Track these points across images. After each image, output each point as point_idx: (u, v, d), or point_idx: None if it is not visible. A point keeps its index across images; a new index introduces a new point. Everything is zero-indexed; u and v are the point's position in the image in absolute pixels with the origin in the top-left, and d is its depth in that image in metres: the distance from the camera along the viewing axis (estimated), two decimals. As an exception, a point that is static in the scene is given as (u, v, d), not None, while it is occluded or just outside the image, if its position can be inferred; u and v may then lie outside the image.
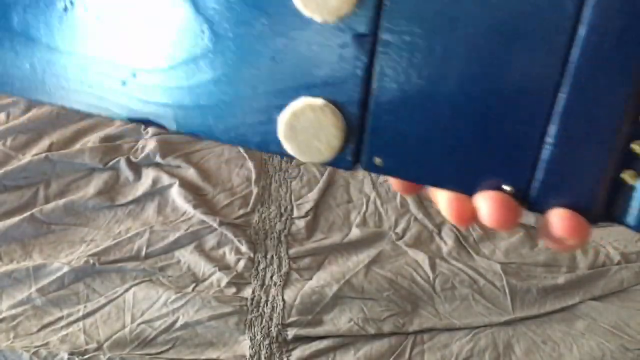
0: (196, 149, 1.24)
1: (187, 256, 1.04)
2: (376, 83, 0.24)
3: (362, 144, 0.26)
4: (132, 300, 0.98)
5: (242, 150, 1.22)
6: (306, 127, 0.25)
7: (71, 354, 0.92)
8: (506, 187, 0.24)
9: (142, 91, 0.27)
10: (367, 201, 1.12)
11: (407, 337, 0.92)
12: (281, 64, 0.25)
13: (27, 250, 1.07)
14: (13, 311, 0.98)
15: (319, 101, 0.24)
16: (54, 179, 1.19)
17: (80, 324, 0.96)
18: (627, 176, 0.23)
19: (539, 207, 0.24)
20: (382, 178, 1.14)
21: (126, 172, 1.19)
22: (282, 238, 1.06)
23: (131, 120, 0.28)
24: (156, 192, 1.15)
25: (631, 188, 0.23)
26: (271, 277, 1.00)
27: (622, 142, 0.23)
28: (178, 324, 0.95)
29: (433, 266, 0.99)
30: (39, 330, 0.96)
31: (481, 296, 0.96)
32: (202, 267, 1.02)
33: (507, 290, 0.96)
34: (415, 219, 1.08)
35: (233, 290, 0.99)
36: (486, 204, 0.24)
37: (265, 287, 0.99)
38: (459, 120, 0.24)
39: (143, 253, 1.05)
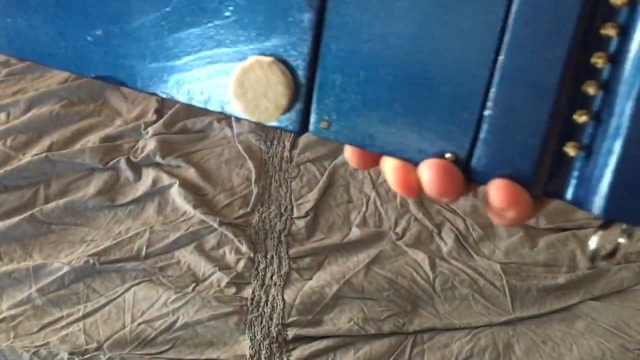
0: (196, 149, 1.24)
1: (187, 256, 1.04)
2: (324, 42, 0.24)
3: (310, 105, 0.26)
4: (132, 300, 0.98)
5: (242, 150, 1.22)
6: (255, 84, 0.25)
7: (71, 354, 0.92)
8: (448, 155, 0.24)
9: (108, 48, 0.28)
10: (367, 201, 1.12)
11: (407, 337, 0.92)
12: (234, 23, 0.25)
13: (27, 250, 1.07)
14: (13, 311, 0.98)
15: (268, 58, 0.25)
16: (54, 179, 1.19)
17: (81, 323, 0.96)
18: (569, 148, 0.23)
19: (481, 177, 0.24)
20: (382, 178, 1.14)
21: (126, 172, 1.19)
22: (282, 238, 1.06)
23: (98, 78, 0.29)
24: (156, 192, 1.15)
25: (572, 159, 0.23)
26: (271, 277, 1.00)
27: (562, 112, 0.22)
28: (178, 324, 0.94)
29: (433, 266, 0.99)
30: (39, 330, 0.96)
31: (481, 296, 0.96)
32: (202, 267, 1.02)
33: (507, 290, 0.96)
34: (415, 218, 1.08)
35: (233, 290, 0.99)
36: (428, 171, 0.24)
37: (265, 287, 0.99)
38: (403, 85, 0.24)
39: (143, 253, 1.04)
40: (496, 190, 0.24)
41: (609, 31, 0.21)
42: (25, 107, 1.33)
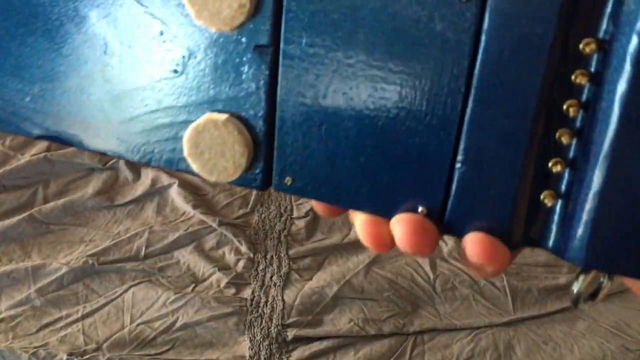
0: (196, 149, 1.24)
1: (187, 256, 1.04)
2: (281, 97, 0.23)
3: (271, 162, 0.24)
4: (131, 300, 0.98)
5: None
6: (210, 144, 0.24)
7: (70, 354, 0.92)
8: (421, 209, 0.23)
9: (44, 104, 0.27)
10: (367, 201, 1.12)
11: (407, 338, 0.92)
12: (183, 77, 0.24)
13: (26, 250, 1.07)
14: (12, 311, 0.97)
15: (222, 116, 0.23)
16: (53, 179, 1.18)
17: (80, 324, 0.96)
18: (546, 197, 0.22)
19: (456, 230, 0.23)
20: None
21: (125, 172, 1.19)
22: (282, 238, 1.06)
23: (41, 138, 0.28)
24: (155, 192, 1.15)
25: (550, 208, 0.22)
26: (271, 277, 1.00)
27: (536, 161, 0.22)
28: (177, 325, 0.94)
29: (433, 266, 0.99)
30: (38, 331, 0.95)
31: (482, 296, 0.96)
32: (202, 267, 1.02)
33: (507, 291, 0.95)
34: (416, 219, 1.07)
35: (233, 290, 0.98)
36: (400, 227, 0.23)
37: (265, 287, 0.99)
38: (367, 139, 0.23)
39: (142, 253, 1.04)
40: (472, 245, 0.23)
41: (580, 79, 0.20)
42: (24, 106, 1.33)
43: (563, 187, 0.22)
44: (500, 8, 0.20)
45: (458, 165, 0.22)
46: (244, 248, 1.04)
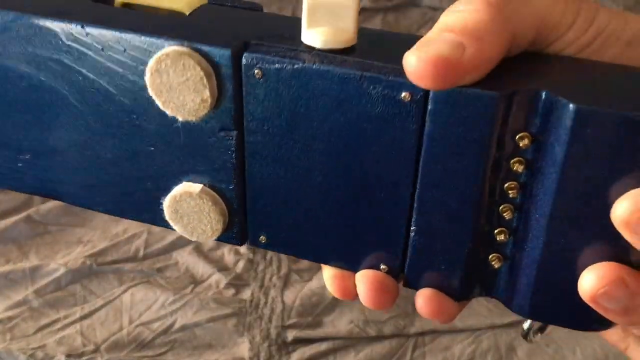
0: (195, 149, 1.24)
1: (186, 257, 1.04)
2: (249, 170, 0.26)
3: (246, 224, 0.27)
4: (129, 301, 0.98)
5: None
6: (188, 212, 0.27)
7: (68, 356, 0.92)
8: (383, 267, 0.26)
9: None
10: (367, 202, 1.12)
11: (408, 339, 0.92)
12: (161, 152, 0.26)
13: (23, 251, 1.07)
14: (9, 313, 0.97)
15: (197, 187, 0.26)
16: (51, 179, 1.18)
17: (77, 325, 0.96)
18: (493, 260, 0.25)
19: (413, 285, 0.26)
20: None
21: (124, 172, 1.19)
22: (282, 239, 1.06)
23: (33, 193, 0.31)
24: (154, 192, 1.15)
25: (498, 270, 0.25)
26: (270, 278, 1.00)
27: (483, 230, 0.25)
28: (176, 326, 0.94)
29: (434, 267, 0.99)
30: (35, 332, 0.95)
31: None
32: (201, 268, 1.02)
33: (509, 292, 0.95)
34: (416, 219, 1.07)
35: (232, 291, 0.98)
36: (362, 284, 0.26)
37: (264, 288, 0.99)
38: (329, 207, 0.26)
39: (141, 254, 1.04)
40: (422, 301, 0.26)
41: (517, 167, 0.23)
42: (22, 106, 1.33)
43: (508, 252, 0.25)
44: (440, 111, 0.22)
45: (412, 234, 0.25)
46: (243, 249, 1.04)
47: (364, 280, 0.26)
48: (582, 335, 0.91)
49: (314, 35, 0.24)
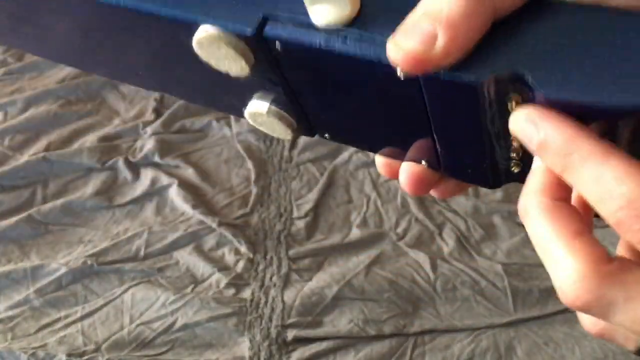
0: (195, 149, 1.23)
1: (186, 257, 1.04)
2: (302, 101, 0.30)
3: (311, 129, 0.33)
4: (130, 301, 0.98)
5: (241, 150, 1.21)
6: (263, 123, 0.32)
7: (69, 355, 0.92)
8: (424, 162, 0.31)
9: None
10: (368, 201, 1.11)
11: (407, 339, 0.92)
12: (234, 85, 0.30)
13: (24, 250, 1.07)
14: (10, 312, 0.97)
15: (265, 107, 0.31)
16: (51, 179, 1.18)
17: (78, 325, 0.96)
18: (512, 167, 0.28)
19: (451, 176, 0.32)
20: (382, 178, 1.14)
21: (124, 172, 1.18)
22: (282, 238, 1.05)
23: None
24: (155, 192, 1.15)
25: (518, 173, 0.28)
26: (271, 278, 1.00)
27: (496, 156, 0.27)
28: (177, 325, 0.94)
29: (434, 267, 0.99)
30: (36, 332, 0.95)
31: (482, 297, 0.95)
32: (201, 268, 1.02)
33: (508, 291, 0.95)
34: (416, 219, 1.07)
35: (232, 291, 0.98)
36: (403, 174, 0.31)
37: (264, 288, 0.99)
38: (375, 124, 0.30)
39: (141, 254, 1.04)
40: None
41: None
42: (23, 106, 1.33)
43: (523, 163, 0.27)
44: (429, 87, 0.25)
45: (439, 150, 0.29)
46: (243, 248, 1.04)
47: (405, 171, 0.31)
48: (582, 334, 0.91)
49: (314, 13, 0.25)
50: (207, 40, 0.27)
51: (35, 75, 1.41)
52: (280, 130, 0.32)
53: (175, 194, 1.13)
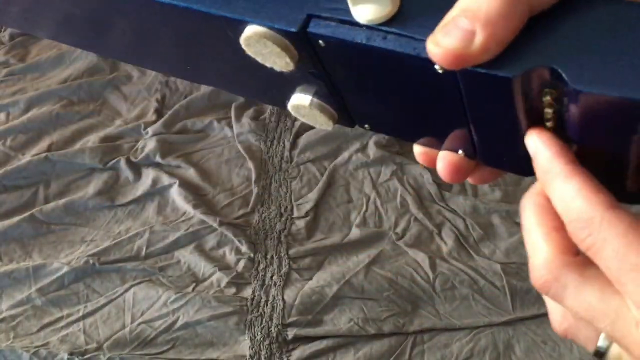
0: (196, 149, 1.24)
1: (187, 256, 1.04)
2: (343, 94, 0.32)
3: (352, 119, 0.34)
4: (132, 300, 0.98)
5: (242, 150, 1.22)
6: (306, 115, 0.33)
7: (71, 354, 0.92)
8: (460, 152, 0.31)
9: None
10: (367, 201, 1.12)
11: (407, 337, 0.92)
12: (277, 76, 0.31)
13: (26, 250, 1.07)
14: (13, 311, 0.98)
15: (307, 100, 0.33)
16: (53, 179, 1.19)
17: (80, 324, 0.96)
18: None
19: (487, 164, 0.32)
20: (382, 178, 1.14)
21: (126, 172, 1.19)
22: (282, 238, 1.06)
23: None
24: (156, 192, 1.15)
25: None
26: (271, 277, 1.00)
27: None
28: (178, 324, 0.95)
29: (433, 266, 0.99)
30: (38, 330, 0.96)
31: (481, 296, 0.96)
32: (202, 267, 1.02)
33: (507, 290, 0.96)
34: (416, 219, 1.07)
35: (233, 290, 0.99)
36: (441, 162, 0.32)
37: (265, 287, 0.99)
38: (412, 115, 0.31)
39: (143, 253, 1.04)
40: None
41: (547, 109, 0.25)
42: (25, 107, 1.33)
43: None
44: (466, 82, 0.25)
45: (475, 140, 0.29)
46: (244, 248, 1.04)
47: (443, 159, 0.32)
48: (580, 333, 0.91)
49: (357, 11, 0.26)
50: (255, 39, 0.28)
51: (38, 76, 1.42)
52: (322, 121, 0.33)
53: (176, 194, 1.13)
